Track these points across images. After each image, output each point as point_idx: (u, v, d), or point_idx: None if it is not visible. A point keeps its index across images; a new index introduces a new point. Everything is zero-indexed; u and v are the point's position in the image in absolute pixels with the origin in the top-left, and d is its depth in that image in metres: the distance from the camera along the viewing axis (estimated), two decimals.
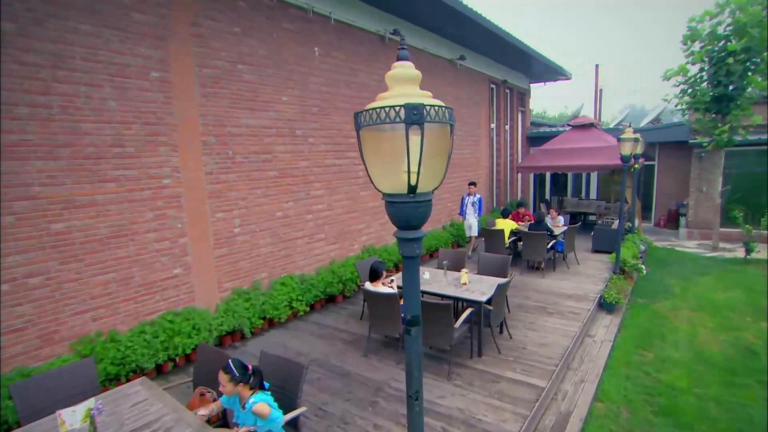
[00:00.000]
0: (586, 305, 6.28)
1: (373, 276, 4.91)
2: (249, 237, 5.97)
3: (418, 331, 1.66)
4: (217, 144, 5.47)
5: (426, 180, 1.52)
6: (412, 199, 1.50)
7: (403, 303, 1.66)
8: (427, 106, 1.40)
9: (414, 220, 1.54)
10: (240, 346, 5.53)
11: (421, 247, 1.60)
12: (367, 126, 1.48)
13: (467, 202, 9.26)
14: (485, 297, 4.80)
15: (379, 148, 1.52)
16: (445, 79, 10.26)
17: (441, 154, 1.55)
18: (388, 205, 1.56)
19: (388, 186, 1.55)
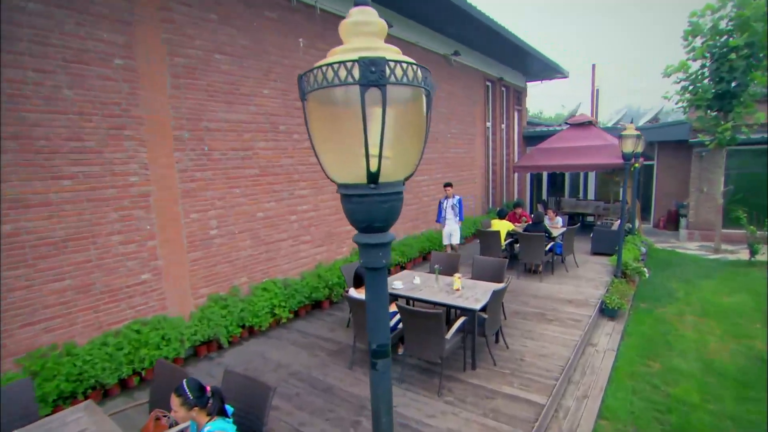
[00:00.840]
0: (587, 311, 5.92)
1: (357, 282, 4.53)
2: (227, 239, 5.58)
3: (386, 365, 1.28)
4: (191, 139, 5.07)
5: (393, 166, 1.15)
6: (374, 191, 1.12)
7: (369, 328, 1.28)
8: (391, 61, 1.02)
9: (378, 220, 1.16)
10: (216, 356, 5.12)
11: (388, 255, 1.22)
12: (314, 92, 1.10)
13: (445, 206, 8.01)
14: (480, 304, 4.42)
15: (330, 122, 1.14)
16: (438, 74, 9.90)
17: (414, 131, 1.17)
18: (344, 200, 1.18)
19: (343, 174, 1.18)
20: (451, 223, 8.02)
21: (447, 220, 8.02)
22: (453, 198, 7.99)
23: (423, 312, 3.97)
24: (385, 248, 1.21)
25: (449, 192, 7.94)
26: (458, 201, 7.99)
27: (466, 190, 11.49)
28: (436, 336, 3.98)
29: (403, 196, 1.22)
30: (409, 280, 5.41)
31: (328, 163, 1.18)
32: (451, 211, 7.98)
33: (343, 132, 1.10)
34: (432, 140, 9.83)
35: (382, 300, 1.25)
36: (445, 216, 8.05)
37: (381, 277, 1.24)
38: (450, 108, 10.47)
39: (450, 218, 8.00)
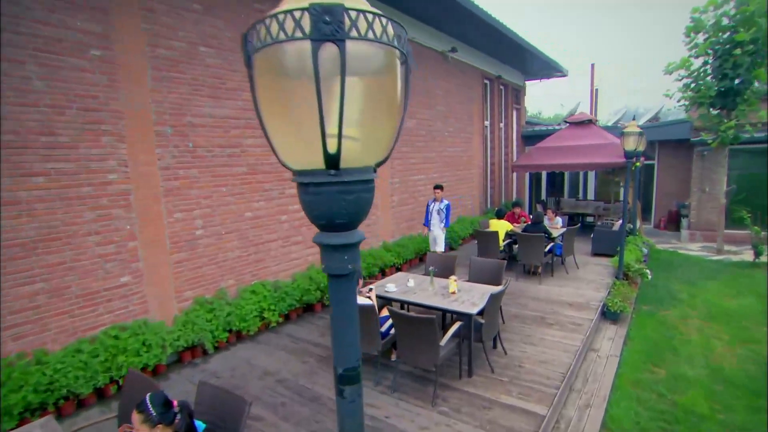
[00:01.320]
0: (589, 315, 5.70)
1: None
2: (213, 240, 5.34)
3: (355, 392, 1.05)
4: (174, 135, 4.85)
5: (360, 149, 0.92)
6: (335, 179, 0.89)
7: (335, 347, 1.05)
8: (352, 10, 0.79)
9: (340, 215, 0.93)
10: (201, 363, 4.89)
11: (356, 259, 1.00)
12: (259, 53, 0.87)
13: (432, 210, 7.46)
14: (476, 308, 4.20)
15: (280, 92, 0.91)
16: (435, 71, 9.69)
17: (385, 106, 0.95)
18: (300, 190, 0.96)
19: (299, 158, 0.95)
20: (435, 229, 7.50)
21: (432, 225, 7.51)
22: (441, 202, 7.44)
23: (416, 317, 3.74)
24: (351, 251, 0.98)
25: (438, 195, 7.41)
26: (446, 206, 7.42)
27: (463, 189, 11.28)
28: (430, 342, 3.75)
29: (373, 186, 0.99)
30: (402, 282, 5.18)
31: (281, 145, 0.96)
32: (437, 216, 7.43)
33: (296, 104, 0.88)
34: (429, 139, 9.62)
35: (348, 314, 1.02)
36: (430, 220, 7.55)
37: (347, 287, 1.01)
38: (447, 106, 10.25)
39: (435, 223, 7.47)
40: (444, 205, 7.42)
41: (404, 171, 8.85)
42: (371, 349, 4.26)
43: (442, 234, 7.52)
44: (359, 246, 1.01)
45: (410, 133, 8.96)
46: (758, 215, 9.76)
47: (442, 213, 7.39)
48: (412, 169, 9.07)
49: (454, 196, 10.79)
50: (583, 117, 11.02)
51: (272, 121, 0.93)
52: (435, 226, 7.49)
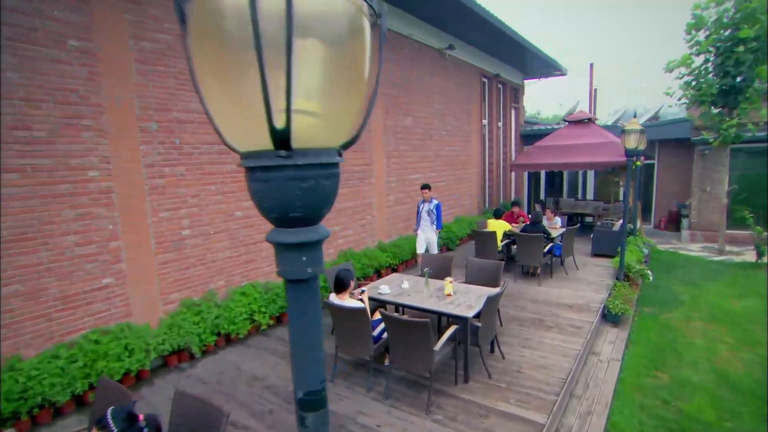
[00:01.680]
0: (589, 317, 5.53)
1: (338, 287, 4.13)
2: (201, 240, 5.17)
3: (320, 420, 0.87)
4: (160, 131, 4.67)
5: (319, 126, 0.75)
6: (287, 162, 0.72)
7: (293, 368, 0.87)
8: None
9: (294, 206, 0.76)
10: (187, 367, 4.71)
11: (318, 261, 0.82)
12: (189, 3, 0.70)
13: (421, 211, 7.08)
14: (473, 311, 4.03)
15: (219, 56, 0.73)
16: (432, 69, 9.52)
17: (350, 75, 0.77)
18: (247, 176, 0.78)
19: (244, 137, 0.78)
20: (427, 230, 7.08)
21: (423, 227, 7.11)
22: (430, 202, 7.06)
23: (409, 321, 3.57)
24: (311, 251, 0.81)
25: (426, 195, 7.03)
26: (436, 206, 7.03)
27: (461, 189, 11.11)
28: (424, 347, 3.58)
29: (338, 172, 0.82)
30: (397, 284, 5.01)
31: (224, 123, 0.78)
32: (427, 217, 7.04)
33: (237, 70, 0.70)
34: (426, 137, 9.45)
35: (309, 328, 0.85)
36: (420, 222, 7.16)
37: (307, 294, 0.83)
38: (445, 104, 10.09)
39: (427, 225, 7.07)
40: (434, 206, 7.04)
41: (401, 170, 8.68)
42: (363, 354, 4.08)
43: (435, 236, 7.16)
44: (321, 245, 0.84)
45: (407, 131, 8.79)
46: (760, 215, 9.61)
47: (432, 214, 7.01)
48: (408, 168, 8.90)
49: (453, 196, 10.63)
50: (583, 116, 10.86)
51: (210, 90, 0.76)
52: (427, 228, 7.09)
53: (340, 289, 4.15)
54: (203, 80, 0.77)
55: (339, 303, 4.04)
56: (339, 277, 4.15)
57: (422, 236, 7.14)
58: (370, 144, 7.80)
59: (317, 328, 0.86)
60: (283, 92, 0.67)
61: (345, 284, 4.14)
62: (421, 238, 7.15)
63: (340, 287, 4.14)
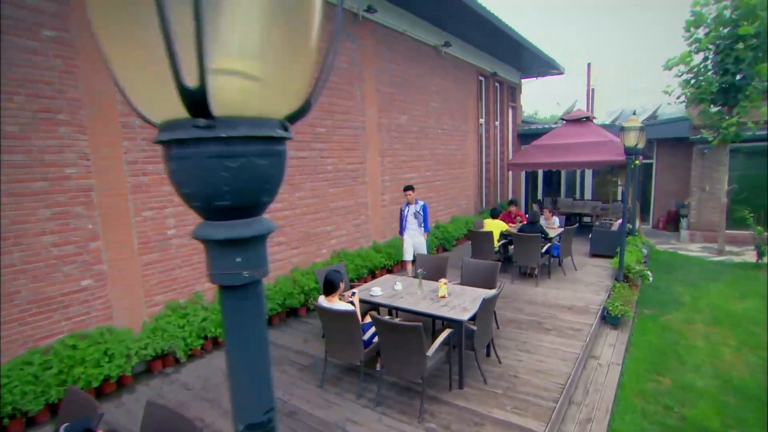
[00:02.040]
0: (588, 319, 5.38)
1: (328, 289, 3.96)
2: (188, 240, 4.98)
3: None
4: (143, 127, 4.48)
5: (257, 89, 0.58)
6: (208, 134, 0.55)
7: (232, 394, 0.70)
8: None
9: (221, 193, 0.59)
10: (172, 372, 4.53)
11: (260, 262, 0.65)
12: None
13: (407, 214, 6.53)
14: (468, 314, 3.86)
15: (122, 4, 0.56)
16: (429, 67, 9.37)
17: (293, 28, 0.61)
18: (164, 154, 0.61)
19: (157, 104, 0.61)
20: (415, 234, 6.56)
21: (410, 231, 6.55)
22: (416, 204, 6.54)
23: (400, 325, 3.40)
24: (249, 250, 0.64)
25: (410, 197, 6.46)
26: (422, 207, 6.53)
27: (457, 188, 10.96)
28: (416, 353, 3.41)
29: (283, 150, 0.65)
30: (389, 285, 4.84)
31: (134, 88, 0.61)
32: (414, 220, 6.53)
33: (144, 15, 0.53)
34: (422, 136, 9.30)
35: (249, 345, 0.68)
36: (406, 226, 6.56)
37: (244, 305, 0.66)
38: (441, 102, 9.94)
39: (414, 228, 6.55)
40: (420, 207, 6.53)
41: (395, 169, 8.51)
42: (353, 359, 3.91)
43: (424, 240, 6.65)
44: (264, 243, 0.67)
45: (402, 129, 8.63)
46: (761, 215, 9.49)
47: (419, 216, 6.52)
48: (403, 167, 8.74)
49: (449, 195, 10.47)
50: (581, 114, 10.73)
51: (113, 45, 0.59)
52: (414, 232, 6.57)
53: (330, 291, 3.98)
54: (104, 34, 0.59)
55: (328, 305, 3.87)
56: (328, 278, 3.98)
57: (409, 241, 6.60)
58: (365, 142, 7.63)
59: (261, 346, 0.69)
60: (195, 40, 0.51)
61: (334, 286, 3.97)
62: (408, 243, 6.60)
63: (330, 289, 3.97)
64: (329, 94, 6.77)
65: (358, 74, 7.38)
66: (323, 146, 6.74)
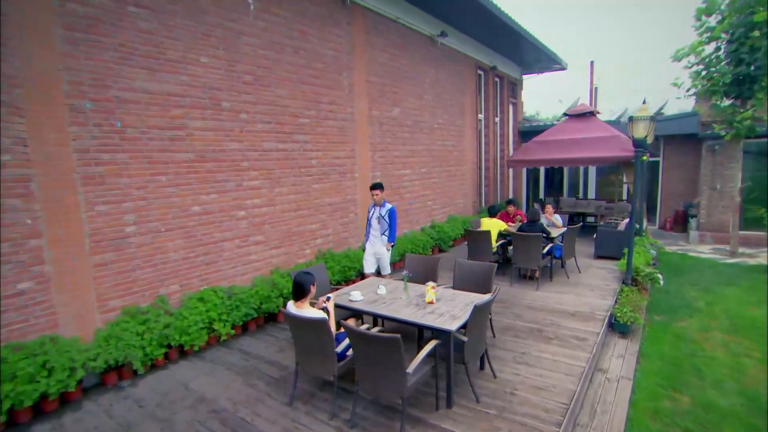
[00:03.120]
0: (594, 327, 4.86)
1: (297, 293, 3.46)
2: (150, 238, 4.50)
3: None
4: (96, 111, 4.01)
5: None
6: None
7: None
8: None
9: None
10: (128, 386, 4.03)
11: None
12: None
13: (371, 217, 5.54)
14: (457, 323, 3.36)
15: None
16: (422, 56, 8.88)
17: None
18: None
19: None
20: (377, 243, 5.48)
21: (372, 238, 5.52)
22: (382, 207, 5.43)
23: (375, 336, 2.90)
24: None
25: (377, 197, 5.42)
26: (389, 212, 5.39)
27: (454, 187, 10.45)
28: (394, 369, 2.91)
29: None
30: (372, 289, 4.34)
31: None
32: (377, 226, 5.45)
33: None
34: (416, 130, 8.81)
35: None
36: (369, 231, 5.57)
37: None
38: (436, 96, 9.45)
39: (376, 236, 5.46)
40: (386, 211, 5.40)
41: (387, 164, 8.02)
42: (326, 374, 3.41)
43: (387, 252, 5.53)
44: None
45: (394, 123, 8.15)
46: None
47: (383, 221, 5.42)
48: (395, 163, 8.25)
49: (445, 194, 9.95)
50: (585, 109, 10.22)
51: None
52: (376, 239, 5.49)
53: (299, 296, 3.49)
54: None
55: (296, 312, 3.37)
56: (297, 281, 3.49)
57: (370, 250, 5.53)
58: (354, 135, 7.15)
59: None
60: None
61: (304, 290, 3.47)
62: (369, 252, 5.55)
63: (299, 293, 3.48)
64: (313, 82, 6.29)
65: (346, 63, 6.90)
66: (307, 138, 6.26)
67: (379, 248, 5.56)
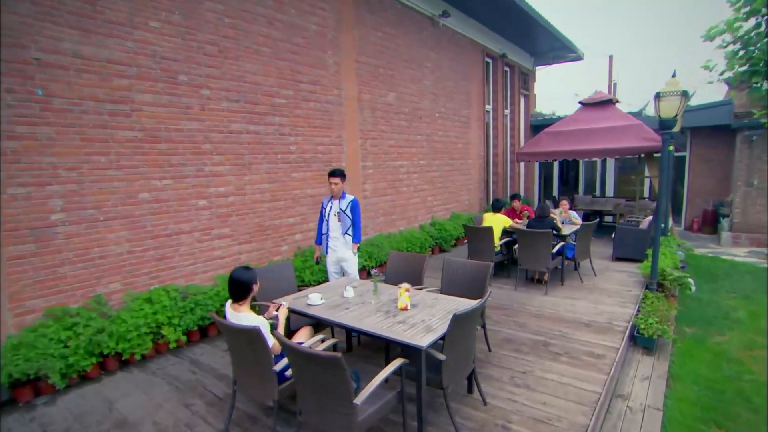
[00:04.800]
0: (613, 340, 4.01)
1: (236, 293, 2.75)
2: (84, 228, 3.85)
3: None
4: (9, 75, 3.38)
5: None
6: None
7: None
8: None
9: None
10: (43, 404, 3.38)
11: None
12: None
13: (329, 213, 4.35)
14: (431, 336, 2.58)
15: None
16: (421, 38, 8.12)
17: None
18: None
19: None
20: (338, 246, 4.35)
21: (331, 239, 4.35)
22: (341, 199, 4.31)
23: (314, 355, 2.16)
24: None
25: (336, 187, 4.25)
26: (351, 205, 4.32)
27: (459, 182, 9.64)
28: (339, 399, 2.15)
29: None
30: (338, 291, 3.59)
31: None
32: (337, 224, 4.31)
33: None
34: (414, 118, 8.05)
35: None
36: (327, 232, 4.37)
37: None
38: (437, 82, 8.67)
39: (336, 236, 4.33)
40: (348, 204, 4.32)
41: (381, 154, 7.28)
42: (264, 398, 2.68)
43: (353, 256, 4.38)
44: None
45: (389, 109, 7.41)
46: None
47: (345, 218, 4.30)
48: (390, 153, 7.50)
49: (448, 189, 9.14)
50: (602, 97, 9.29)
51: None
52: (336, 241, 4.34)
53: (237, 297, 2.77)
54: None
55: (228, 319, 2.66)
56: (233, 278, 2.77)
57: (332, 257, 4.41)
58: (340, 120, 6.43)
59: None
60: None
61: (244, 289, 2.75)
62: (331, 261, 4.43)
63: (237, 294, 2.77)
64: (291, 58, 5.60)
65: (332, 40, 6.20)
66: (283, 121, 5.57)
67: (342, 252, 4.37)
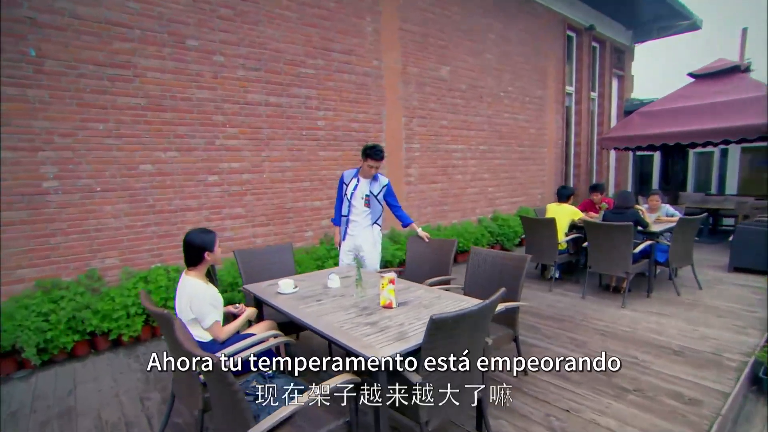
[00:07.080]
0: (719, 379, 2.75)
1: (187, 257, 2.26)
2: (78, 197, 3.66)
3: None
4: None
5: None
6: None
7: None
8: None
9: None
10: (18, 378, 3.19)
11: None
12: None
13: (355, 195, 3.47)
14: (398, 347, 1.76)
15: None
16: (483, 4, 7.08)
17: None
18: None
19: None
20: (357, 231, 3.53)
21: (351, 224, 3.54)
22: (374, 181, 3.47)
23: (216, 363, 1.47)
24: None
25: (373, 169, 3.38)
26: (386, 188, 3.53)
27: (529, 173, 8.37)
28: (238, 426, 1.44)
29: None
30: (320, 281, 2.87)
31: None
32: (363, 208, 3.49)
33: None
34: (473, 97, 7.06)
35: None
36: (348, 214, 3.53)
37: None
38: (503, 56, 7.54)
39: (358, 221, 3.52)
40: (381, 188, 3.49)
41: (431, 136, 6.43)
42: (190, 405, 2.08)
43: (378, 246, 3.62)
44: None
45: (442, 85, 6.53)
46: None
47: (375, 203, 3.49)
48: (443, 135, 6.60)
49: (514, 180, 7.93)
50: (724, 65, 7.35)
51: None
52: (357, 226, 3.53)
53: (189, 262, 2.24)
54: None
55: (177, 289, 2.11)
56: (188, 240, 2.22)
57: (349, 242, 3.54)
58: (380, 95, 5.73)
59: None
60: None
61: (194, 253, 2.21)
62: (347, 245, 3.55)
63: (188, 258, 2.24)
64: (321, 24, 5.04)
65: (370, 5, 5.53)
66: (311, 93, 5.03)
67: (361, 240, 3.50)
